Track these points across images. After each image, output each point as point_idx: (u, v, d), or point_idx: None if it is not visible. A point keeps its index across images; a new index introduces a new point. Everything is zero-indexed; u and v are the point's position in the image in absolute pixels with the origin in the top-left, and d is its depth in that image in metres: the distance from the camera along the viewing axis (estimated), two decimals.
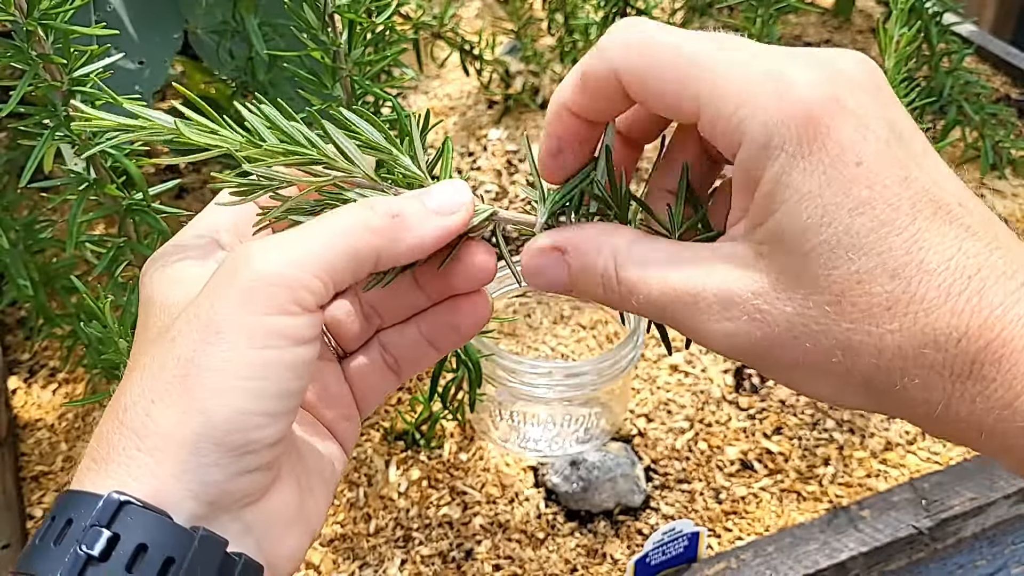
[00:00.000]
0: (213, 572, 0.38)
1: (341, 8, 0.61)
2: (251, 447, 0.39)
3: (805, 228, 0.37)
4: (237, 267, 0.40)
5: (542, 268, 0.45)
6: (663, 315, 0.41)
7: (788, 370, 0.39)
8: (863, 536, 0.77)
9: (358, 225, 0.41)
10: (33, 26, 0.54)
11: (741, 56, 0.39)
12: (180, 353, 0.39)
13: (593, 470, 0.81)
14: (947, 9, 1.11)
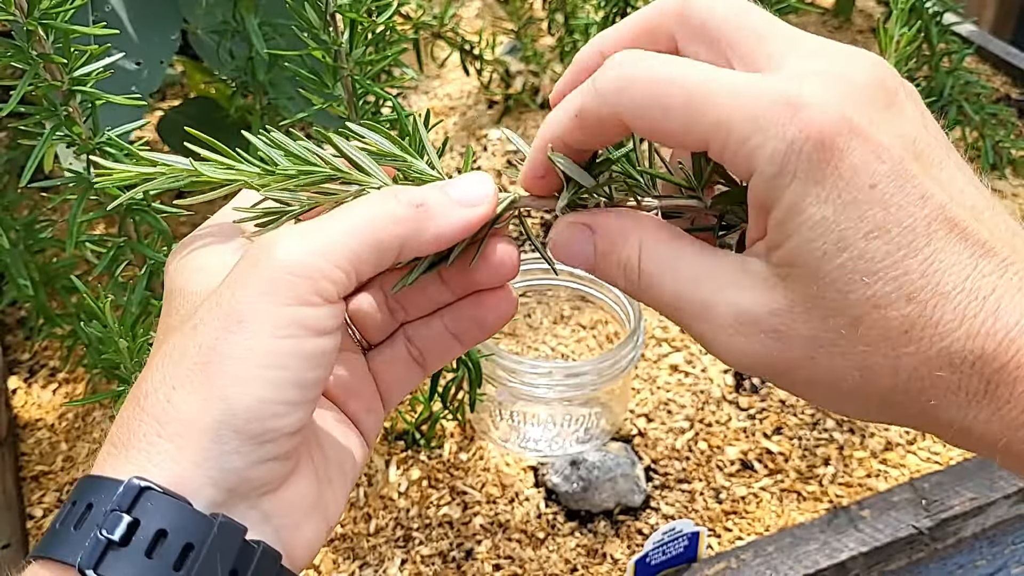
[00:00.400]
0: (231, 559, 0.38)
1: (343, 8, 0.61)
2: (270, 435, 0.39)
3: (821, 255, 0.37)
4: (259, 257, 0.40)
5: (571, 241, 0.45)
6: (678, 319, 0.42)
7: (806, 387, 0.40)
8: (863, 536, 0.77)
9: (381, 214, 0.41)
10: (33, 26, 0.54)
11: (747, 81, 0.38)
12: (202, 341, 0.39)
13: (593, 470, 0.81)
14: (947, 9, 1.11)
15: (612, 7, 1.09)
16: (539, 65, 1.27)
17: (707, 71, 0.39)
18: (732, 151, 0.38)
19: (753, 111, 0.37)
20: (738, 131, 0.37)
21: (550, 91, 1.27)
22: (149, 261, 0.66)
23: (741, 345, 0.39)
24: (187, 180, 0.44)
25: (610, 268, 0.44)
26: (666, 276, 0.42)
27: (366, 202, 0.42)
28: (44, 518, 0.82)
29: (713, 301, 0.40)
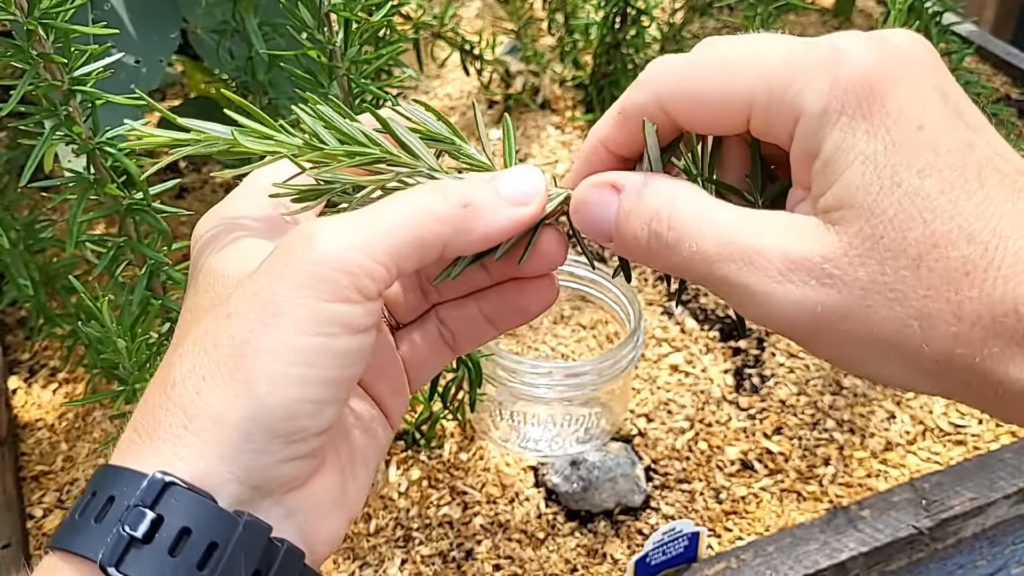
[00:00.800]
0: (256, 558, 0.38)
1: (337, 7, 0.61)
2: (299, 435, 0.39)
3: (877, 190, 0.36)
4: (299, 247, 0.39)
5: (594, 201, 0.43)
6: (712, 273, 0.39)
7: (858, 346, 0.37)
8: (863, 536, 0.77)
9: (427, 212, 0.40)
10: (33, 25, 0.54)
11: (784, 44, 0.39)
12: (236, 332, 0.38)
13: (593, 470, 0.81)
14: (947, 9, 1.11)
15: (612, 7, 1.09)
16: (539, 65, 1.27)
17: (747, 46, 0.40)
18: (777, 101, 0.38)
19: (796, 60, 0.38)
20: (781, 79, 0.38)
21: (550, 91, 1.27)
22: (149, 261, 0.66)
23: (791, 293, 0.37)
24: (222, 148, 0.43)
25: (633, 227, 0.41)
26: (704, 225, 0.39)
27: (412, 197, 0.41)
28: (44, 518, 0.82)
29: (759, 246, 0.38)
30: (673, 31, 1.19)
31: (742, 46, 0.40)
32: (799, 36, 0.40)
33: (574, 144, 1.20)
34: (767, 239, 0.38)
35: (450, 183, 0.42)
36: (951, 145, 0.36)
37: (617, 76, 1.15)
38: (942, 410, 0.90)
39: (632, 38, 1.12)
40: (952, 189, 0.36)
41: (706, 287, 0.41)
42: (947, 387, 0.37)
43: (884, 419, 0.89)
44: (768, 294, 0.38)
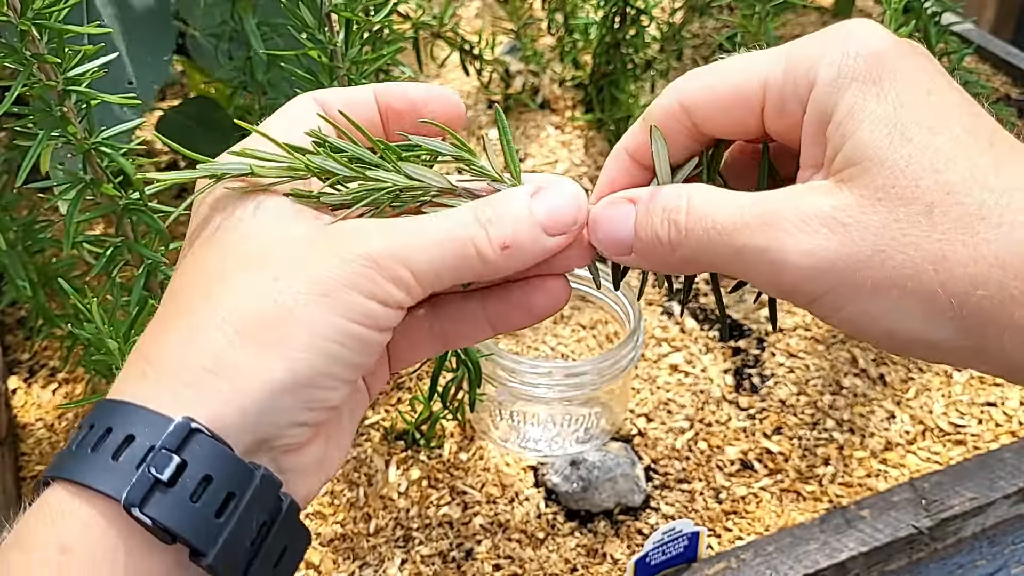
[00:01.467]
0: (267, 510, 0.39)
1: (338, 7, 0.61)
2: (316, 404, 0.40)
3: (887, 144, 0.37)
4: (355, 241, 0.40)
5: (608, 216, 0.44)
6: (730, 244, 0.40)
7: (871, 296, 0.37)
8: (863, 536, 0.77)
9: (471, 254, 0.42)
10: (27, 26, 0.54)
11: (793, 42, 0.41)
12: (280, 299, 0.39)
13: (593, 470, 0.81)
14: (946, 9, 1.10)
15: (611, 7, 1.09)
16: (539, 65, 1.27)
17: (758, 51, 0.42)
18: (792, 73, 0.40)
19: (809, 41, 0.40)
20: (795, 57, 0.40)
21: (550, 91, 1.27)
22: (146, 261, 0.66)
23: (803, 243, 0.38)
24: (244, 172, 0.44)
25: (652, 224, 0.43)
26: (720, 204, 0.41)
27: (460, 228, 0.42)
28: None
29: (772, 208, 0.39)
30: (673, 31, 1.19)
31: (757, 51, 0.42)
32: (797, 36, 0.42)
33: (574, 144, 1.19)
34: (780, 203, 0.39)
35: (492, 214, 0.42)
36: (959, 111, 0.38)
37: (617, 76, 1.15)
38: (942, 410, 0.90)
39: (632, 38, 1.12)
40: (963, 146, 0.37)
41: (722, 269, 0.42)
42: (963, 341, 0.37)
43: (884, 419, 0.89)
44: (782, 250, 0.38)
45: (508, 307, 0.47)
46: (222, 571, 0.38)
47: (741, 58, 0.43)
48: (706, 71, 0.44)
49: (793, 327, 0.97)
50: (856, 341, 0.96)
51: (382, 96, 0.48)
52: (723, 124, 0.44)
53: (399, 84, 0.48)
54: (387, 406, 0.89)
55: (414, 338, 0.48)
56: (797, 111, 0.41)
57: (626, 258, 0.45)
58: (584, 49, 1.23)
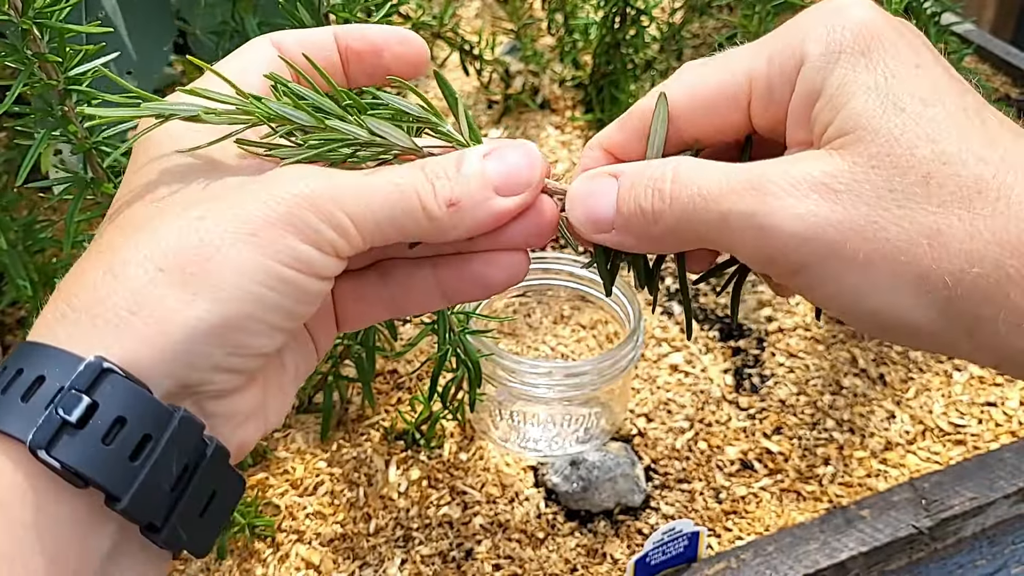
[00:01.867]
0: (188, 454, 0.37)
1: (336, 7, 0.61)
2: (244, 351, 0.38)
3: (880, 112, 0.36)
4: (291, 183, 0.39)
5: (589, 190, 0.43)
6: (716, 210, 0.38)
7: (861, 269, 0.36)
8: (863, 536, 0.77)
9: (415, 207, 0.40)
10: (28, 25, 0.54)
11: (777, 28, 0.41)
12: (206, 237, 0.37)
13: (593, 470, 0.81)
14: (946, 9, 1.10)
15: (611, 7, 1.09)
16: (539, 65, 1.27)
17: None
18: (778, 60, 0.39)
19: (791, 23, 0.39)
20: (782, 40, 0.39)
21: (550, 91, 1.27)
22: None
23: (793, 208, 0.36)
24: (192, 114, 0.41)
25: (635, 195, 0.41)
26: (707, 171, 0.39)
27: (406, 181, 0.40)
28: None
29: (761, 172, 0.37)
30: (673, 31, 1.19)
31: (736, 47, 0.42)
32: None
33: (574, 144, 1.19)
34: (769, 168, 0.38)
35: (440, 170, 0.41)
36: (948, 86, 0.37)
37: (617, 76, 1.15)
38: (942, 410, 0.90)
39: (632, 38, 1.12)
40: (956, 118, 0.36)
41: (705, 240, 0.40)
42: (951, 324, 0.36)
43: (884, 419, 0.89)
44: (769, 214, 0.37)
45: (462, 277, 0.45)
46: (139, 516, 0.36)
47: (721, 56, 0.42)
48: (687, 72, 0.43)
49: (793, 327, 0.97)
50: (856, 341, 0.96)
51: (342, 38, 0.46)
52: (707, 125, 0.43)
53: (358, 25, 0.46)
54: (387, 406, 0.89)
55: (363, 300, 0.46)
56: (785, 97, 0.40)
57: (605, 236, 0.43)
58: (584, 49, 1.23)
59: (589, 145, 0.46)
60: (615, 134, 0.45)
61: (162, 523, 0.37)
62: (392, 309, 0.47)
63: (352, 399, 0.89)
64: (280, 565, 0.77)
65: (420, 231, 0.40)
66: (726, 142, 0.45)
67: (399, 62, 0.46)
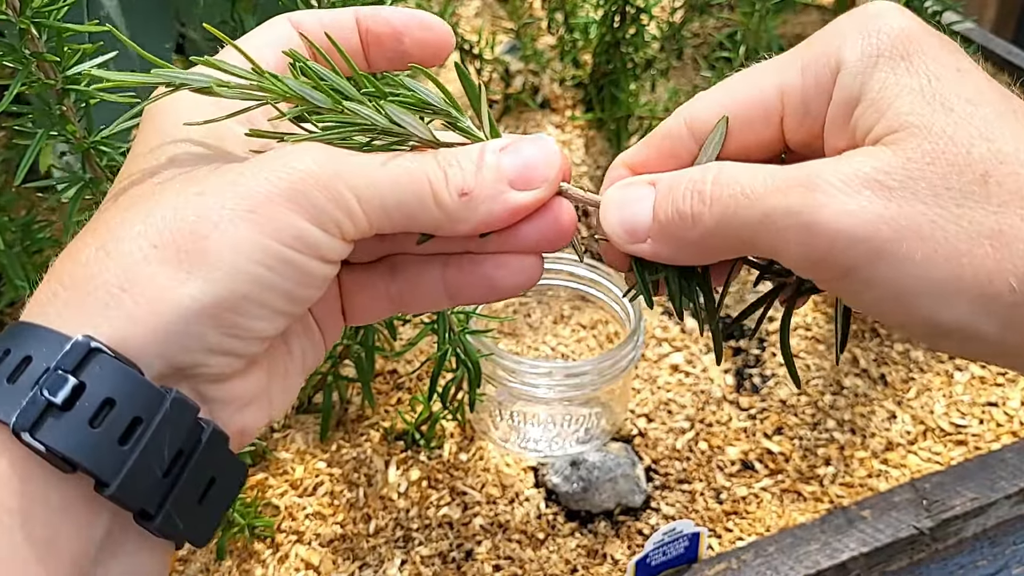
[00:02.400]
0: (181, 438, 0.36)
1: (336, 7, 0.61)
2: (241, 333, 0.37)
3: (928, 112, 0.35)
4: (296, 159, 0.37)
5: (624, 197, 0.41)
6: (760, 209, 0.36)
7: (918, 272, 0.34)
8: (864, 536, 0.77)
9: (425, 194, 0.39)
10: (26, 24, 0.54)
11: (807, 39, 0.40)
12: (204, 213, 0.36)
13: (593, 470, 0.81)
14: (947, 8, 1.10)
15: (611, 6, 1.08)
16: (539, 64, 1.26)
17: None
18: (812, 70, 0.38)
19: (822, 33, 0.38)
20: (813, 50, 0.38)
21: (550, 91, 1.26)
22: None
23: (842, 204, 0.34)
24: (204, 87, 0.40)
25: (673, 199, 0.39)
26: (751, 171, 0.37)
27: (420, 167, 0.39)
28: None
29: (808, 171, 0.36)
30: (673, 30, 1.19)
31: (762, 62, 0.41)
32: (798, 36, 0.41)
33: (574, 143, 1.19)
34: (816, 166, 0.36)
35: (454, 160, 0.40)
36: (991, 89, 0.36)
37: (617, 75, 1.14)
38: (943, 410, 0.90)
39: (632, 37, 1.12)
40: (1006, 119, 0.35)
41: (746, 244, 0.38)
42: (1013, 333, 0.34)
43: (885, 419, 0.89)
44: (817, 211, 0.35)
45: (471, 278, 0.43)
46: (130, 502, 0.35)
47: (748, 71, 0.41)
48: (714, 91, 0.41)
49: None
50: (858, 341, 0.95)
51: (363, 20, 0.44)
52: (737, 144, 0.41)
53: (381, 8, 0.45)
54: (387, 406, 0.89)
55: (370, 294, 0.45)
56: (822, 108, 0.38)
57: (640, 246, 0.41)
58: (584, 48, 1.23)
59: (613, 164, 0.44)
60: (640, 152, 0.44)
61: (156, 510, 0.35)
62: (398, 305, 0.45)
63: (352, 399, 0.89)
64: (280, 566, 0.77)
65: (430, 219, 0.39)
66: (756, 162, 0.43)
67: (420, 48, 0.45)
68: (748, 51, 1.01)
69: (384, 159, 0.39)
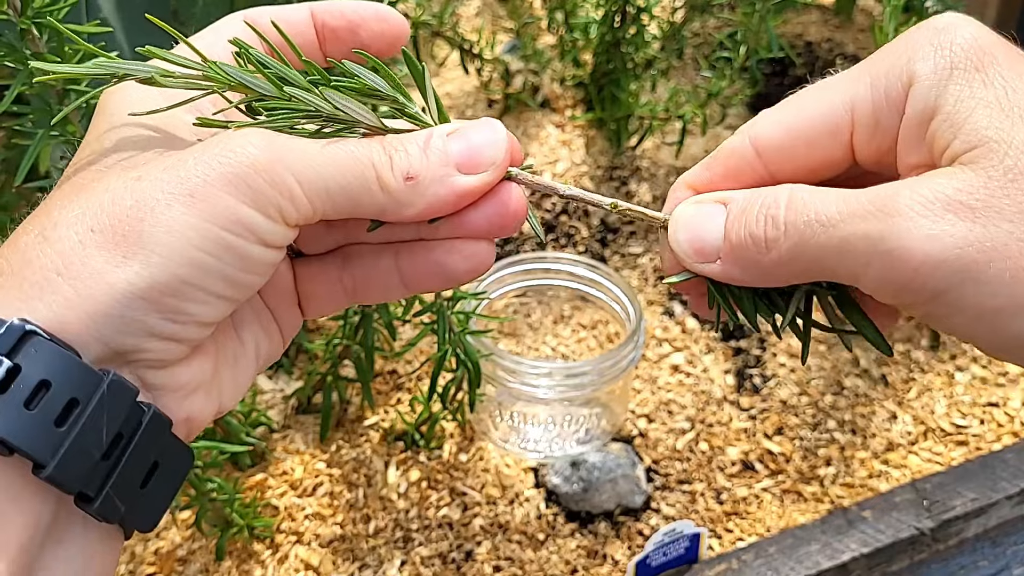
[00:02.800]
0: (119, 421, 0.35)
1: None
2: (182, 318, 0.36)
3: (1008, 126, 0.34)
4: (237, 144, 0.37)
5: (696, 214, 0.41)
6: (835, 235, 0.36)
7: (1008, 293, 0.33)
8: (865, 537, 0.77)
9: (369, 178, 0.38)
10: (27, 24, 0.54)
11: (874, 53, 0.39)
12: (142, 198, 0.36)
13: (594, 471, 0.81)
14: (947, 8, 1.10)
15: (612, 5, 1.08)
16: (539, 64, 1.26)
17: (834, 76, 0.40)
18: (882, 84, 0.38)
19: (891, 46, 0.38)
20: (885, 60, 0.38)
21: (550, 90, 1.26)
22: None
23: (925, 228, 0.33)
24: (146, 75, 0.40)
25: (746, 222, 0.39)
26: (825, 195, 0.37)
27: (363, 152, 0.39)
28: None
29: (886, 194, 0.35)
30: (673, 29, 1.19)
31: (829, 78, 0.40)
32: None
33: (574, 143, 1.19)
34: (894, 188, 0.35)
35: (400, 144, 0.39)
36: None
37: (617, 75, 1.14)
38: (944, 410, 0.90)
39: (632, 36, 1.12)
40: None
41: (823, 271, 0.37)
42: None
43: (886, 419, 0.89)
44: (900, 237, 0.34)
45: (423, 265, 0.42)
46: (68, 484, 0.34)
47: (814, 88, 0.40)
48: (779, 109, 0.41)
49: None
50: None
51: (319, 15, 0.44)
52: (804, 163, 0.41)
53: (336, 1, 0.45)
54: (386, 407, 0.89)
55: (325, 285, 0.44)
56: (893, 123, 0.38)
57: (709, 267, 0.41)
58: (584, 48, 1.22)
59: (675, 186, 0.44)
60: (702, 173, 0.43)
61: (96, 493, 0.35)
62: (353, 295, 0.45)
63: (351, 400, 0.89)
64: (279, 566, 0.77)
65: (375, 204, 0.39)
66: (823, 181, 0.41)
67: (377, 39, 0.45)
68: (748, 51, 1.01)
69: (328, 144, 0.39)
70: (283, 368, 0.92)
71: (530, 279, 0.90)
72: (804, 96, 0.41)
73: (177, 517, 0.79)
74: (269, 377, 0.91)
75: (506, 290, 0.88)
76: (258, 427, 0.85)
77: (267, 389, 0.90)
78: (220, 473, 0.80)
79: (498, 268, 0.87)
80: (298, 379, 0.91)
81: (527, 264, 0.88)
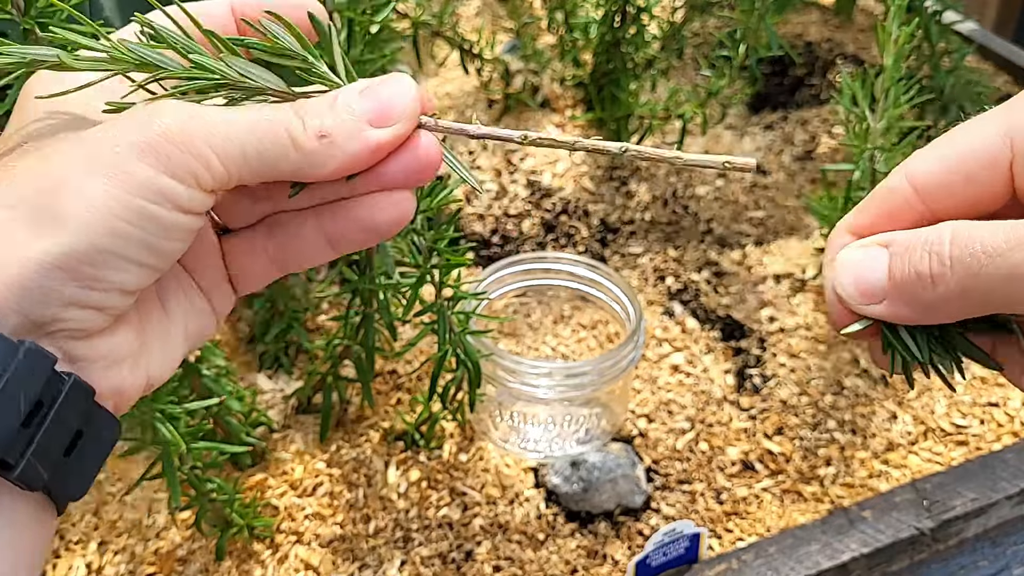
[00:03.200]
0: (37, 389, 0.36)
1: (340, 6, 0.61)
2: (102, 286, 0.37)
3: None
4: (148, 115, 0.37)
5: (859, 257, 0.41)
6: (1003, 265, 0.36)
7: None
8: (865, 537, 0.77)
9: (283, 139, 0.39)
10: (30, 24, 0.53)
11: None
12: (56, 173, 0.36)
13: (593, 471, 0.81)
14: (947, 7, 1.10)
15: (612, 5, 1.08)
16: (539, 64, 1.26)
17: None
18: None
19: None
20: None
21: (550, 90, 1.26)
22: None
23: None
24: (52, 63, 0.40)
25: (911, 260, 0.39)
26: (989, 227, 0.36)
27: (275, 114, 0.39)
28: None
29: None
30: (673, 29, 1.19)
31: (983, 112, 0.40)
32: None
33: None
34: None
35: (311, 105, 0.40)
36: None
37: (617, 75, 1.14)
38: (944, 410, 0.90)
39: (632, 36, 1.12)
40: None
41: (989, 302, 0.37)
42: None
43: (886, 419, 0.89)
44: None
45: (347, 223, 0.43)
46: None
47: (969, 121, 0.40)
48: (933, 144, 0.41)
49: (795, 327, 0.97)
50: (858, 341, 0.95)
51: (238, 8, 0.44)
52: (961, 198, 0.40)
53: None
54: (386, 407, 0.89)
55: (251, 257, 0.45)
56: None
57: (875, 308, 0.41)
58: (584, 48, 1.22)
59: (835, 232, 0.44)
60: (862, 217, 0.43)
61: (16, 460, 0.36)
62: (281, 264, 0.45)
63: (351, 400, 0.89)
64: (279, 566, 0.77)
65: (290, 164, 0.39)
66: (985, 216, 0.41)
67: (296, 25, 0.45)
68: (748, 50, 1.01)
69: (240, 110, 0.39)
70: (283, 368, 0.92)
71: (530, 279, 0.90)
72: (959, 129, 0.40)
73: (177, 517, 0.79)
74: (269, 377, 0.91)
75: (506, 290, 0.88)
76: (258, 427, 0.85)
77: (267, 389, 0.90)
78: (220, 473, 0.80)
79: (498, 268, 0.87)
80: (298, 379, 0.91)
81: (527, 264, 0.88)
